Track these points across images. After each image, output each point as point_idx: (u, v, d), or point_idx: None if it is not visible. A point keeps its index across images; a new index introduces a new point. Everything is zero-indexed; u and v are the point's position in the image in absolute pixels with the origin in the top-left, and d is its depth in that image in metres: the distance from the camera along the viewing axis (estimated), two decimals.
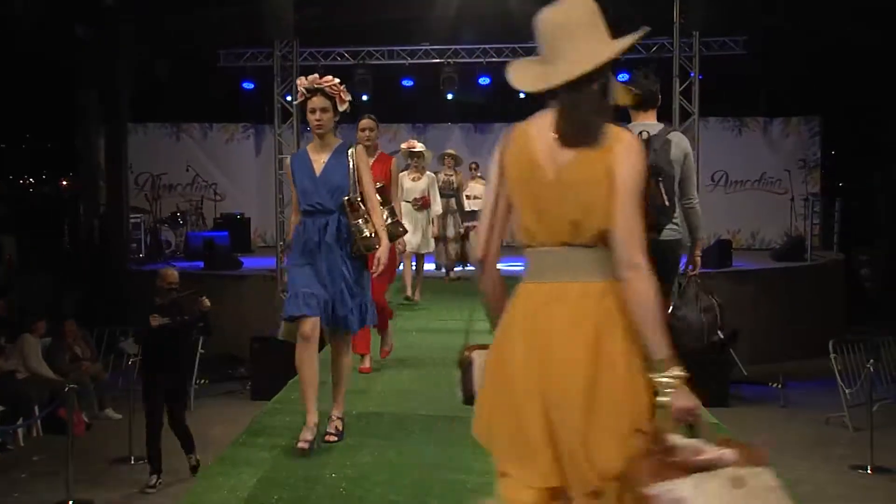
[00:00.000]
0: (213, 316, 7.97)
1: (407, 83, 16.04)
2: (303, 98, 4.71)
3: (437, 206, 10.14)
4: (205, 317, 7.76)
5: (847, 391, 9.47)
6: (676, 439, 2.10)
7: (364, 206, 4.70)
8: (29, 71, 15.27)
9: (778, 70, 15.47)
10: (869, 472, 7.94)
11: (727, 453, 2.04)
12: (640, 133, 4.60)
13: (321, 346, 4.95)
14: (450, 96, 16.04)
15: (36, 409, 9.45)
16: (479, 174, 13.16)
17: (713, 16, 11.34)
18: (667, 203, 3.51)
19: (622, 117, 4.39)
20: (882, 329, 12.24)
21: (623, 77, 16.84)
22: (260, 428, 5.26)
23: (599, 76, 2.31)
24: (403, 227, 6.05)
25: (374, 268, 4.76)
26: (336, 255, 4.66)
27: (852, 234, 15.94)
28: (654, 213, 3.44)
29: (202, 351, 10.67)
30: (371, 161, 6.40)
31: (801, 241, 14.37)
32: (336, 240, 4.66)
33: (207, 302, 7.78)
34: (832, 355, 9.69)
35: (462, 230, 11.53)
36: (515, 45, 15.57)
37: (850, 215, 15.75)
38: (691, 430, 2.17)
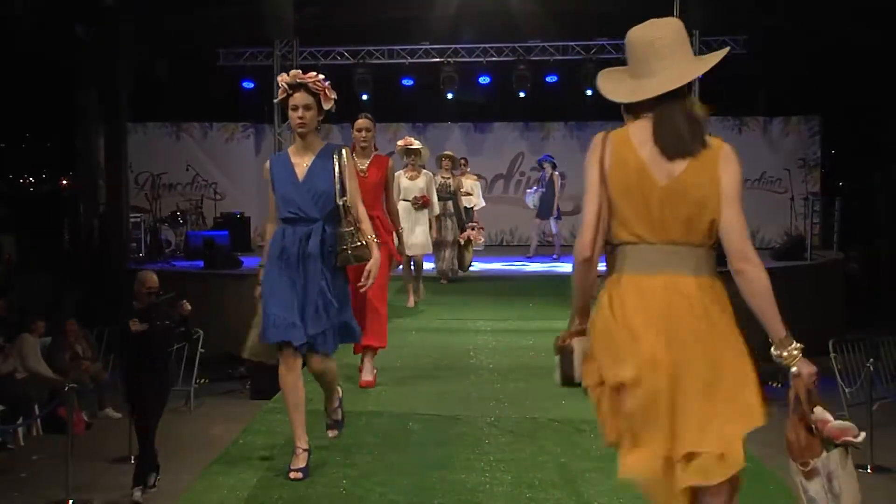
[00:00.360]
0: (212, 315, 7.88)
1: (407, 82, 16.05)
2: (284, 94, 4.31)
3: (436, 207, 9.78)
4: (185, 322, 7.50)
5: (847, 390, 9.47)
6: (818, 412, 2.52)
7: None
8: (29, 70, 15.27)
9: (777, 69, 15.47)
10: (869, 471, 7.94)
11: (834, 425, 2.50)
12: None
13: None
14: (450, 96, 16.04)
15: (36, 408, 9.46)
16: (468, 169, 13.04)
17: (713, 15, 11.36)
18: None
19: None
20: (882, 329, 12.25)
21: None
22: (260, 427, 5.27)
23: (687, 91, 2.59)
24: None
25: (362, 281, 4.34)
26: (316, 268, 4.24)
27: (852, 234, 15.94)
28: None
29: (202, 350, 10.68)
30: (366, 163, 6.23)
31: (800, 241, 14.36)
32: (319, 251, 4.24)
33: (188, 306, 7.52)
34: (832, 355, 9.69)
35: (462, 240, 11.18)
36: (515, 45, 15.59)
37: (849, 215, 15.74)
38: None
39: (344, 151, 4.36)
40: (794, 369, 2.54)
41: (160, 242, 14.97)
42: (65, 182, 23.91)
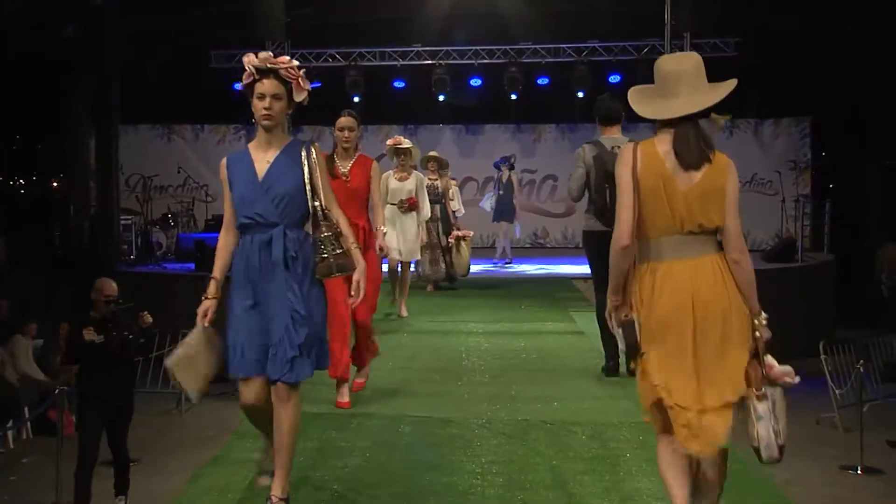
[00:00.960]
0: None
1: (398, 84, 16.06)
2: (250, 80, 3.76)
3: (427, 210, 9.21)
4: (146, 333, 6.85)
5: (837, 392, 9.49)
6: (768, 359, 3.33)
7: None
8: (19, 71, 15.20)
9: (768, 71, 15.52)
10: (859, 472, 7.95)
11: (775, 364, 3.33)
12: (612, 147, 6.00)
13: None
14: (441, 97, 16.04)
15: (26, 410, 9.41)
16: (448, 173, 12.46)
17: (703, 18, 11.38)
18: None
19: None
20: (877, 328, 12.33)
21: (615, 78, 16.91)
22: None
23: (703, 114, 3.22)
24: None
25: (352, 295, 3.86)
26: (280, 280, 3.67)
27: (843, 235, 15.99)
28: None
29: None
30: (349, 165, 5.77)
31: (791, 243, 14.40)
32: (282, 259, 3.68)
33: (149, 317, 6.87)
34: (823, 356, 9.71)
35: (449, 242, 10.76)
36: (507, 47, 15.61)
37: (840, 216, 15.79)
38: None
39: (313, 148, 3.83)
40: (758, 333, 3.29)
41: (151, 244, 14.92)
42: (55, 184, 23.83)
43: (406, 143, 8.81)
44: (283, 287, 3.68)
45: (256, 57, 3.76)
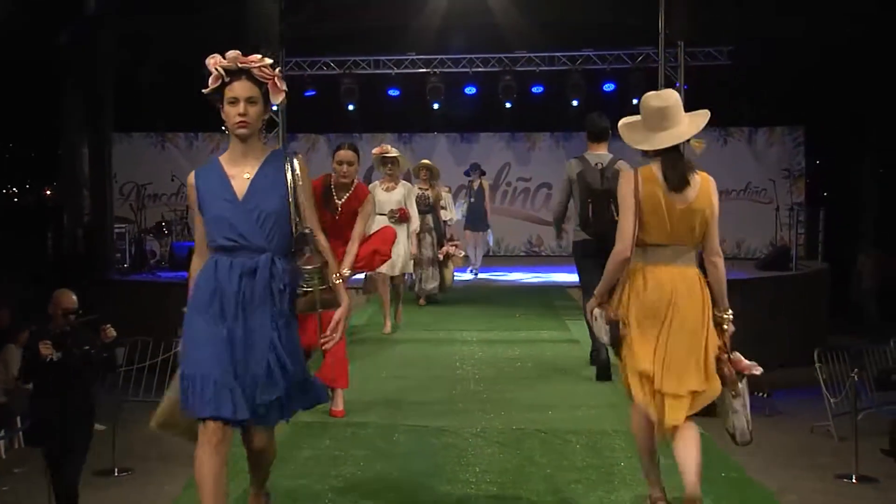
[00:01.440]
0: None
1: (393, 93, 16.07)
2: (218, 83, 3.32)
3: (416, 221, 8.76)
4: (109, 348, 6.43)
5: (832, 400, 9.50)
6: (735, 354, 3.80)
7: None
8: (12, 79, 15.19)
9: (762, 80, 15.58)
10: (854, 481, 7.97)
11: (742, 359, 3.79)
12: (596, 164, 6.46)
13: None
14: (436, 106, 16.06)
15: (18, 420, 9.38)
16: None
17: (698, 26, 11.43)
18: (616, 217, 4.09)
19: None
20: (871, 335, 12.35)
21: (610, 86, 16.95)
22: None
23: (683, 144, 3.78)
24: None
25: (327, 334, 3.44)
26: (265, 315, 3.24)
27: (837, 244, 16.03)
28: (609, 226, 4.26)
29: None
30: (344, 196, 5.60)
31: (786, 251, 14.44)
32: (269, 292, 3.24)
33: (112, 331, 6.41)
34: (817, 364, 9.73)
35: (441, 255, 10.38)
36: (501, 55, 15.65)
37: (834, 224, 15.84)
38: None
39: (297, 161, 3.35)
40: (725, 326, 3.80)
41: (145, 253, 14.91)
42: (48, 192, 23.80)
43: (393, 152, 8.40)
44: (268, 324, 3.24)
45: (224, 57, 3.32)
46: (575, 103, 15.54)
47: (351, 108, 15.63)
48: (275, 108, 12.11)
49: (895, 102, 15.25)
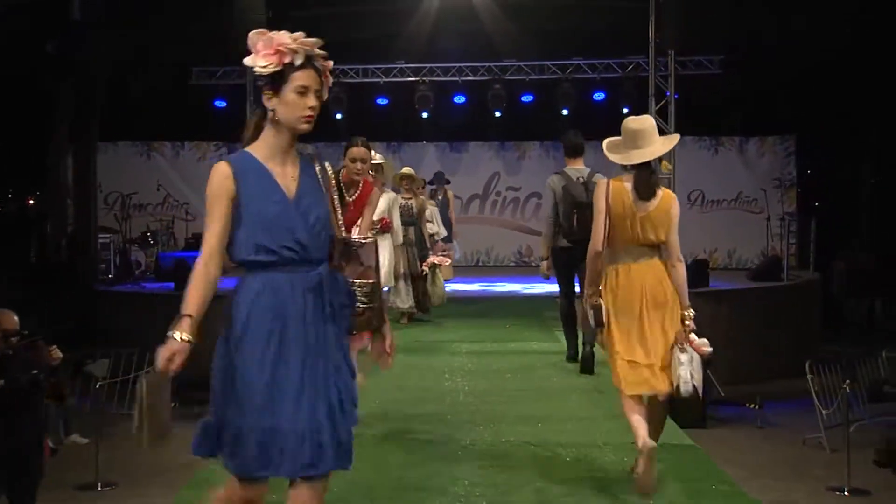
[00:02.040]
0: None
1: (381, 101, 16.10)
2: (281, 65, 2.84)
3: (399, 234, 8.31)
4: (55, 372, 6.05)
5: (824, 412, 9.53)
6: (692, 337, 4.41)
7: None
8: None
9: (753, 89, 15.66)
10: (846, 493, 7.98)
11: (695, 338, 4.41)
12: (577, 178, 7.14)
13: None
14: (425, 115, 16.09)
15: None
16: (425, 192, 11.40)
17: (688, 35, 11.47)
18: None
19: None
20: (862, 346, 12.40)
21: (600, 95, 17.00)
22: None
23: (654, 161, 4.55)
24: None
25: (388, 352, 3.25)
26: (330, 340, 2.86)
27: (828, 253, 16.12)
28: (588, 234, 4.68)
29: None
30: (354, 194, 5.38)
31: (777, 261, 14.49)
32: (332, 314, 2.88)
33: (58, 353, 6.07)
34: (809, 376, 9.76)
35: (426, 267, 9.91)
36: (491, 64, 15.70)
37: (826, 234, 15.93)
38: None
39: (327, 163, 3.09)
40: (687, 322, 4.44)
41: (130, 264, 14.86)
42: (32, 201, 23.68)
43: (377, 158, 7.65)
44: (336, 350, 2.87)
45: (291, 37, 2.90)
46: (565, 112, 15.59)
47: (339, 116, 15.64)
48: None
49: (887, 111, 15.35)
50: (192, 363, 2.83)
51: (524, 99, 16.14)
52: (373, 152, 7.29)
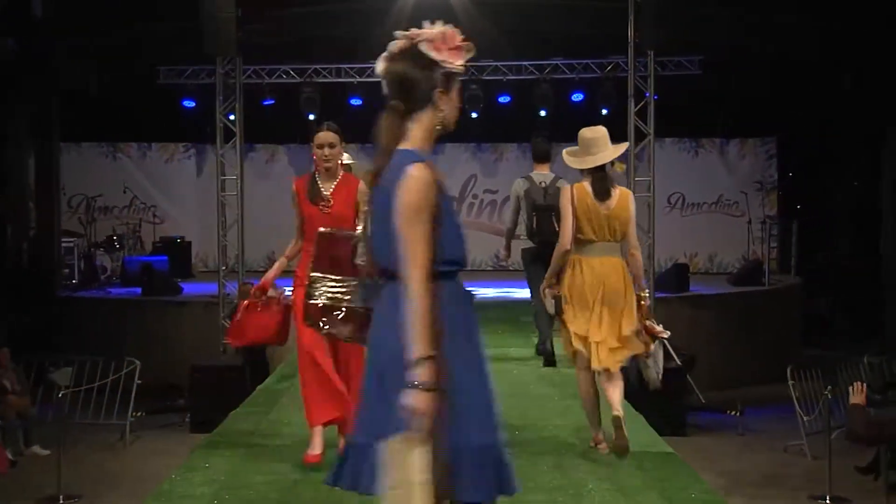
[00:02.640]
0: (149, 344, 7.29)
1: (355, 102, 16.05)
2: (457, 73, 2.89)
3: None
4: None
5: (805, 419, 9.60)
6: (650, 322, 5.30)
7: None
8: None
9: (734, 90, 15.76)
10: (827, 502, 8.04)
11: (655, 326, 5.31)
12: (540, 182, 7.88)
13: None
14: None
15: None
16: None
17: (668, 35, 11.52)
18: (557, 229, 5.65)
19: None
20: (842, 350, 12.51)
21: (578, 96, 16.99)
22: (199, 462, 5.18)
23: (608, 165, 5.30)
24: None
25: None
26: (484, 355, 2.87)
27: (810, 257, 16.26)
28: (550, 237, 5.68)
29: (139, 381, 10.49)
30: (331, 187, 5.14)
31: (758, 265, 14.60)
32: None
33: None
34: (790, 382, 9.83)
35: None
36: (467, 64, 15.69)
37: (807, 238, 16.06)
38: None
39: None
40: (643, 302, 5.26)
41: (95, 268, 14.74)
42: None
43: (346, 159, 7.25)
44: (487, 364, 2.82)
45: (459, 38, 2.94)
46: (543, 113, 15.61)
47: (311, 117, 15.57)
48: (231, 117, 12.06)
49: (869, 113, 15.51)
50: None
51: (501, 99, 16.13)
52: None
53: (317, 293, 4.22)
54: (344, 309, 2.84)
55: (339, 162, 5.26)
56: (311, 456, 4.96)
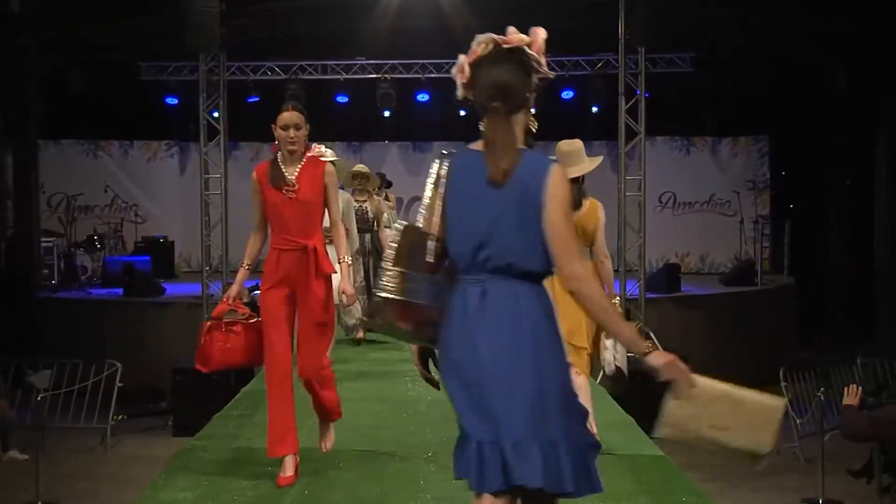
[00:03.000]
0: (131, 346, 7.42)
1: (341, 99, 16.03)
2: (548, 79, 3.25)
3: (355, 239, 7.92)
4: None
5: (798, 421, 9.64)
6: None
7: None
8: None
9: (725, 88, 15.82)
10: None
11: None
12: None
13: None
14: (387, 113, 16.06)
15: None
16: (382, 195, 10.41)
17: (659, 32, 11.56)
18: None
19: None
20: (836, 351, 12.56)
21: (569, 94, 17.05)
22: (181, 466, 5.16)
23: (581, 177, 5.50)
24: None
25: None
26: None
27: (803, 257, 16.31)
28: None
29: (121, 384, 10.46)
30: (295, 171, 4.85)
31: (750, 265, 14.65)
32: None
33: None
34: (783, 384, 9.87)
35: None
36: (455, 61, 15.69)
37: (800, 237, 16.12)
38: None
39: None
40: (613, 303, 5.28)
41: (75, 269, 14.68)
42: None
43: (329, 155, 6.78)
44: None
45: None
46: (532, 111, 15.61)
47: None
48: (215, 114, 12.03)
49: (862, 111, 15.59)
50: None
51: None
52: (323, 148, 6.81)
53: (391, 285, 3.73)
54: (409, 304, 2.80)
55: (307, 147, 4.99)
56: (284, 479, 4.82)
